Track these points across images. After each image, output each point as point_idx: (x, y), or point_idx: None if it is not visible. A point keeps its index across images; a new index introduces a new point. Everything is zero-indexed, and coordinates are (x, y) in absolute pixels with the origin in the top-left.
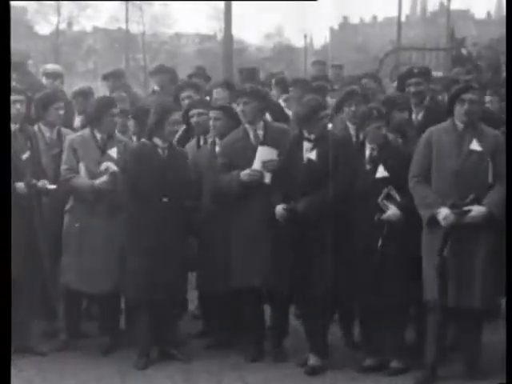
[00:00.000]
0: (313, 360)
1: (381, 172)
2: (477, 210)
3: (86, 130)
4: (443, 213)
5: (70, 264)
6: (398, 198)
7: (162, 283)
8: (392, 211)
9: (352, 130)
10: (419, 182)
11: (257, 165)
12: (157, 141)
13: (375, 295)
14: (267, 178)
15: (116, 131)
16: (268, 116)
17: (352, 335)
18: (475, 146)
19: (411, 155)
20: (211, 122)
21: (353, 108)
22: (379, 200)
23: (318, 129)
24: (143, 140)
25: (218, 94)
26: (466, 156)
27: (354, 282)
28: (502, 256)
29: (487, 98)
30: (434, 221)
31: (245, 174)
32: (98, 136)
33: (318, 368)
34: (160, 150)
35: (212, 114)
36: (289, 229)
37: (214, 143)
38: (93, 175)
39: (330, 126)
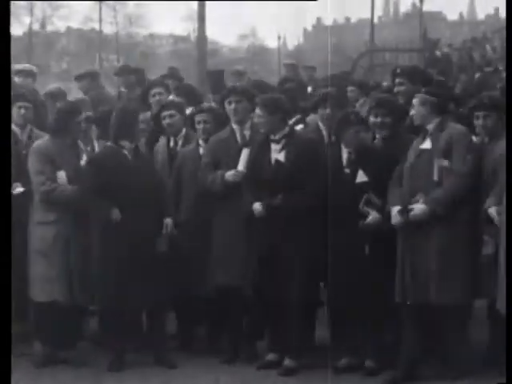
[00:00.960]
0: (287, 361)
1: (361, 176)
2: (418, 208)
3: (54, 137)
4: (392, 212)
5: (53, 277)
6: (377, 202)
7: (135, 289)
8: (372, 216)
9: (324, 131)
10: (391, 183)
11: (241, 166)
12: (124, 143)
13: (350, 295)
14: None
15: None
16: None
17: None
18: (426, 144)
19: (391, 157)
20: (199, 125)
21: (327, 111)
22: (360, 206)
23: (281, 129)
24: (109, 143)
25: None
26: (416, 155)
27: (331, 282)
28: (454, 252)
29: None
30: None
31: (229, 174)
32: (68, 143)
33: (293, 369)
34: (127, 153)
35: (199, 117)
36: (267, 229)
37: (197, 144)
38: (72, 183)
39: (300, 126)
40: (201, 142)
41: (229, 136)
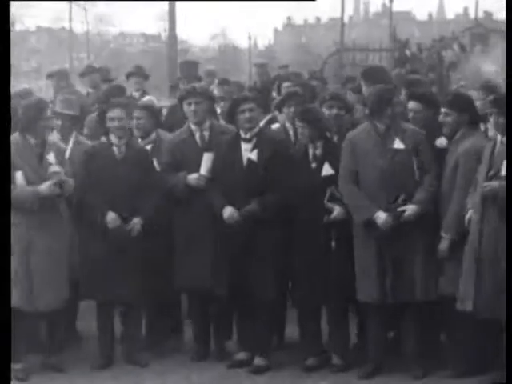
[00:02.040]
0: (258, 359)
1: (326, 170)
2: (410, 209)
3: (17, 136)
4: (381, 217)
5: (15, 282)
6: (339, 195)
7: (118, 286)
8: (337, 211)
9: (291, 130)
10: (349, 186)
11: (203, 170)
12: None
13: (315, 294)
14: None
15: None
16: None
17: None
18: (398, 144)
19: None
20: (134, 122)
21: (292, 109)
22: (325, 202)
23: (240, 124)
24: (103, 139)
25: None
26: (391, 156)
27: (297, 280)
28: (433, 249)
29: (411, 104)
30: (366, 223)
31: (192, 178)
32: (32, 142)
33: (263, 367)
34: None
35: (135, 113)
36: (235, 231)
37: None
38: (32, 184)
39: (276, 125)
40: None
41: (188, 137)
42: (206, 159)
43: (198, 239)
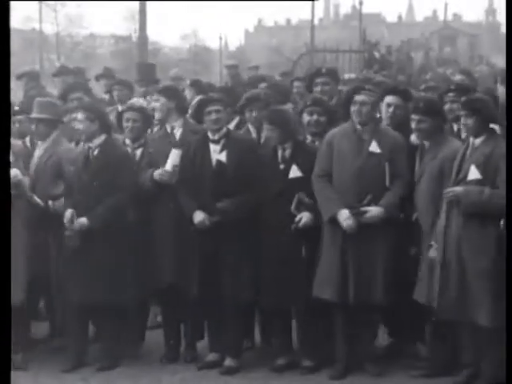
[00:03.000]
0: (228, 361)
1: (294, 172)
2: (374, 210)
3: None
4: (343, 214)
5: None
6: (308, 201)
7: (82, 287)
8: (305, 218)
9: (254, 133)
10: (321, 183)
11: (168, 166)
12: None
13: (283, 296)
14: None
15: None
16: None
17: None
18: (374, 148)
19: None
20: (127, 123)
21: (254, 113)
22: (292, 209)
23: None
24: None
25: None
26: (365, 158)
27: (265, 282)
28: (402, 253)
29: (390, 99)
30: (333, 221)
31: (157, 173)
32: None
33: (234, 368)
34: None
35: (128, 114)
36: (209, 231)
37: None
38: None
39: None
40: (128, 141)
41: (163, 135)
42: (173, 155)
43: (167, 239)
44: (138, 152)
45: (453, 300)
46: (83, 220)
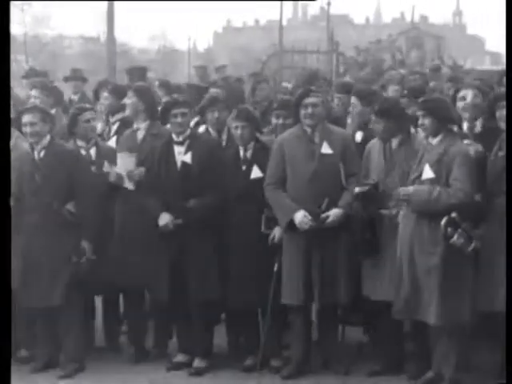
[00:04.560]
0: (197, 361)
1: (255, 172)
2: (334, 213)
3: None
4: (298, 218)
5: None
6: (274, 215)
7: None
8: (278, 234)
9: (214, 134)
10: (275, 189)
11: (119, 168)
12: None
13: (250, 296)
14: (130, 185)
15: None
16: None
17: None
18: (326, 149)
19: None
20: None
21: (216, 114)
22: (262, 229)
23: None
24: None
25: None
26: (318, 160)
27: (232, 282)
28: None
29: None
30: (292, 226)
31: (110, 174)
32: None
33: (203, 369)
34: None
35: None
36: (171, 234)
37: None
38: None
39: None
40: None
41: (130, 135)
42: (124, 160)
43: (133, 239)
44: (93, 151)
45: (405, 299)
46: None
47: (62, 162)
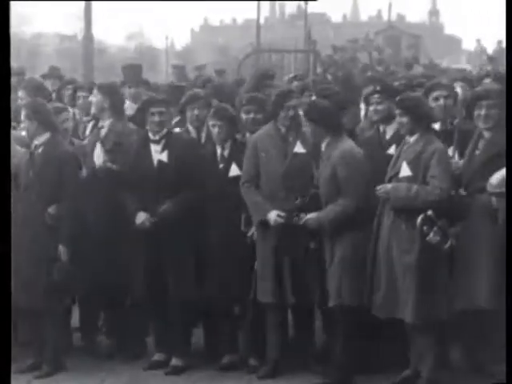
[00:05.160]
0: (174, 360)
1: (233, 170)
2: (309, 217)
3: None
4: (272, 217)
5: None
6: None
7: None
8: (256, 232)
9: (193, 133)
10: (248, 188)
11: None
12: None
13: (226, 294)
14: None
15: None
16: None
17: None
18: (299, 148)
19: None
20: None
21: (196, 112)
22: (242, 228)
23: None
24: None
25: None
26: (291, 159)
27: (209, 281)
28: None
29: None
30: (265, 224)
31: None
32: None
33: (180, 368)
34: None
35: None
36: (148, 233)
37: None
38: None
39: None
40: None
41: (95, 133)
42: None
43: (108, 238)
44: None
45: (383, 297)
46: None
47: (51, 162)
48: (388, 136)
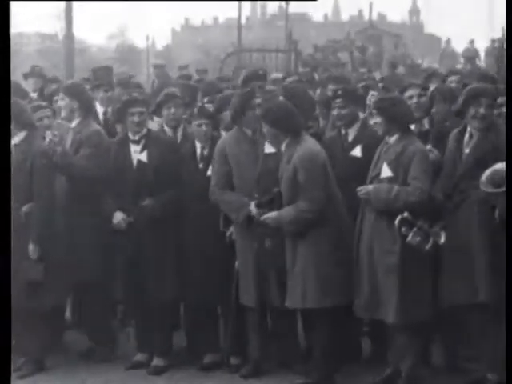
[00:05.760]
0: (156, 360)
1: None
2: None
3: None
4: (253, 209)
5: None
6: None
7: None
8: (235, 231)
9: (170, 132)
10: (221, 190)
11: None
12: None
13: (208, 294)
14: None
15: None
16: None
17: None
18: (269, 148)
19: None
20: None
21: (172, 110)
22: (221, 228)
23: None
24: None
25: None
26: (263, 160)
27: (190, 281)
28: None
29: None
30: (249, 220)
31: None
32: None
33: (162, 368)
34: None
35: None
36: (127, 233)
37: None
38: None
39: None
40: None
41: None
42: None
43: (92, 238)
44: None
45: (365, 298)
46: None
47: (27, 159)
48: (350, 138)
